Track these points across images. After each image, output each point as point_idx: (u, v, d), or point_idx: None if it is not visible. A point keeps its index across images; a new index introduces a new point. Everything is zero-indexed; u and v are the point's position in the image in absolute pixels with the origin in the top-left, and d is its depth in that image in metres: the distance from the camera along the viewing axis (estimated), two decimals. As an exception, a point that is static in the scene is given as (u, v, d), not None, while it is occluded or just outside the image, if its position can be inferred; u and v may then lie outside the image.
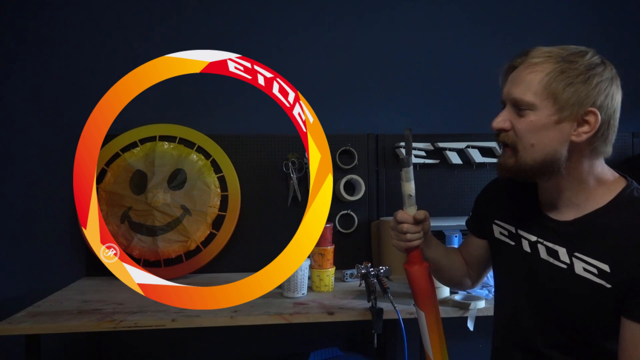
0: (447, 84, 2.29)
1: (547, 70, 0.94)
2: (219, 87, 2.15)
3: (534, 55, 0.97)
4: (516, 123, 0.97)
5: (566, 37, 2.26)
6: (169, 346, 2.11)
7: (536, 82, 0.94)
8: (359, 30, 2.26)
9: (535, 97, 0.94)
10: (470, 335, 1.59)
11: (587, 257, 0.95)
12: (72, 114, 2.07)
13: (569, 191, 0.99)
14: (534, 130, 0.95)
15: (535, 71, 0.95)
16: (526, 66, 0.97)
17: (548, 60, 0.95)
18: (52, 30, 2.12)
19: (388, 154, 2.19)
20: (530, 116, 0.95)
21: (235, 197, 2.08)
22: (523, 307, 1.05)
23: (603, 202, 0.97)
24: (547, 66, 0.94)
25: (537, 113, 0.94)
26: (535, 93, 0.94)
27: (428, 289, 1.18)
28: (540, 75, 0.94)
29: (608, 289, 0.91)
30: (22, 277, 2.05)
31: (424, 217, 1.15)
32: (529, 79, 0.95)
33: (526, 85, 0.95)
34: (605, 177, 0.99)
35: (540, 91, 0.94)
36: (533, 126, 0.95)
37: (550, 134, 0.94)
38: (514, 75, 0.99)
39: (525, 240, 1.06)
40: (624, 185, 0.98)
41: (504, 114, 0.99)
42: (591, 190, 0.98)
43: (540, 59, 0.96)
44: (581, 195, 0.98)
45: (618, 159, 2.23)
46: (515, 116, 0.97)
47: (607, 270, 0.92)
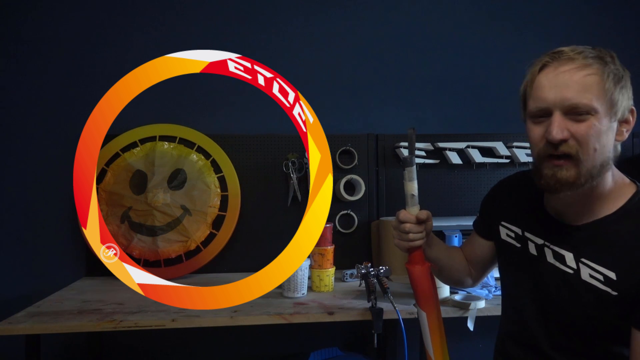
0: (447, 84, 2.29)
1: (600, 72, 0.90)
2: (219, 87, 2.15)
3: (578, 56, 0.91)
4: (576, 129, 0.90)
5: (567, 37, 2.29)
6: (169, 346, 2.11)
7: (595, 85, 0.90)
8: (359, 30, 2.26)
9: (596, 100, 0.89)
10: (470, 335, 1.59)
11: (594, 263, 0.94)
12: (72, 114, 2.08)
13: (589, 198, 0.97)
14: (596, 134, 0.90)
15: (590, 73, 0.90)
16: (577, 68, 0.90)
17: (596, 61, 0.91)
18: (52, 30, 2.12)
19: (388, 154, 2.19)
20: (591, 120, 0.90)
21: (235, 197, 2.08)
22: (529, 309, 1.05)
23: (614, 207, 0.96)
24: (600, 67, 0.91)
25: (597, 117, 0.90)
26: (597, 97, 0.89)
27: (430, 288, 1.18)
28: (597, 77, 0.90)
29: (614, 296, 0.91)
30: (22, 277, 2.05)
31: (427, 217, 1.14)
32: (587, 82, 0.90)
33: (584, 88, 0.89)
34: (616, 181, 0.98)
35: (601, 95, 0.90)
36: (596, 131, 0.90)
37: (607, 136, 0.92)
38: (560, 78, 0.91)
39: (531, 243, 1.06)
40: (634, 191, 0.97)
41: (559, 122, 0.91)
42: (607, 195, 0.97)
43: (589, 61, 0.91)
44: (597, 202, 0.97)
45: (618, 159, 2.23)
46: (571, 122, 0.91)
47: (613, 278, 0.91)
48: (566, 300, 0.98)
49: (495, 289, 1.67)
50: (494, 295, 1.64)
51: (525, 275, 1.06)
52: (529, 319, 1.04)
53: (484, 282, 1.69)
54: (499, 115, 2.25)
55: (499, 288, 1.61)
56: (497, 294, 1.64)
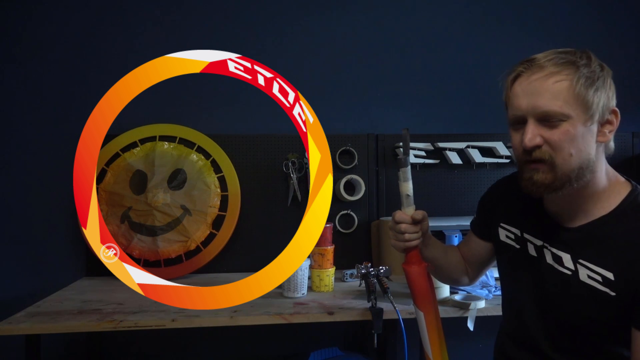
0: (447, 84, 2.29)
1: (570, 77, 0.91)
2: (219, 87, 2.15)
3: (548, 64, 0.92)
4: (549, 136, 0.92)
5: (567, 37, 2.29)
6: (169, 346, 2.11)
7: (565, 90, 0.90)
8: (359, 30, 2.26)
9: (567, 106, 0.90)
10: (470, 335, 1.59)
11: (592, 264, 0.94)
12: (72, 114, 2.08)
13: (580, 199, 0.97)
14: (570, 140, 0.91)
15: (559, 80, 0.91)
16: (545, 75, 0.92)
17: (567, 66, 0.91)
18: (52, 30, 2.11)
19: (388, 154, 2.19)
20: (564, 126, 0.91)
21: (235, 197, 2.08)
22: (529, 309, 1.05)
23: (609, 207, 0.96)
24: (570, 72, 0.91)
25: (571, 122, 0.91)
26: (566, 102, 0.90)
27: (427, 288, 1.18)
28: (567, 83, 0.90)
29: (612, 296, 0.91)
30: (22, 277, 2.05)
31: (422, 217, 1.15)
32: (556, 89, 0.91)
33: (554, 95, 0.91)
34: (610, 180, 0.98)
35: (571, 100, 0.90)
36: (570, 136, 0.91)
37: (584, 140, 0.92)
38: (532, 87, 0.93)
39: (531, 245, 1.06)
40: (629, 190, 0.97)
41: (532, 129, 0.93)
42: (599, 195, 0.97)
43: (558, 67, 0.91)
44: (590, 202, 0.97)
45: (618, 159, 2.23)
46: (544, 129, 0.92)
47: (612, 279, 0.91)
48: (565, 302, 0.98)
49: (495, 289, 1.67)
50: (494, 295, 1.64)
51: (525, 276, 1.06)
52: (529, 320, 1.04)
53: (484, 282, 1.69)
54: (499, 115, 2.21)
55: (499, 288, 1.61)
56: (497, 294, 1.64)
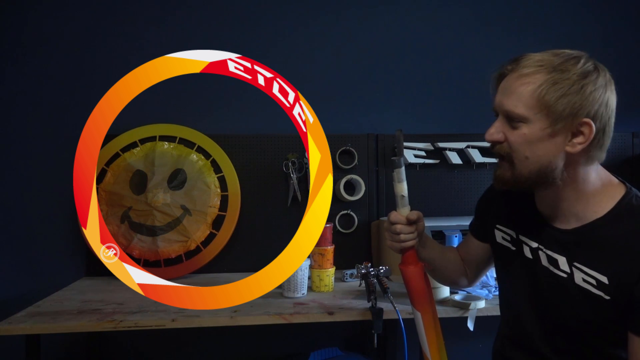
0: (447, 83, 2.29)
1: (538, 81, 0.90)
2: (219, 87, 2.15)
3: (525, 65, 0.92)
4: (509, 135, 0.94)
5: (566, 37, 2.29)
6: (169, 346, 2.11)
7: (528, 94, 0.90)
8: (359, 30, 2.26)
9: (528, 109, 0.91)
10: (470, 335, 1.59)
11: (586, 267, 0.94)
12: (72, 114, 2.07)
13: (566, 201, 0.97)
14: (527, 143, 0.92)
15: (526, 82, 0.91)
16: (517, 76, 0.93)
17: (539, 70, 0.90)
18: (52, 30, 2.11)
19: (388, 154, 2.19)
20: (523, 129, 0.92)
21: (235, 197, 2.08)
22: (526, 311, 1.04)
23: (603, 210, 0.95)
24: (539, 77, 0.90)
25: (530, 126, 0.91)
26: (527, 105, 0.91)
27: (423, 289, 1.18)
28: (532, 86, 0.90)
29: (607, 300, 0.91)
30: (22, 277, 2.05)
31: (417, 217, 1.15)
32: (521, 91, 0.91)
33: (517, 97, 0.91)
34: (603, 183, 0.97)
35: (533, 104, 0.90)
36: (526, 139, 0.92)
37: (544, 146, 0.92)
38: (504, 85, 0.95)
39: (526, 247, 1.05)
40: (623, 192, 0.96)
41: (497, 125, 0.96)
42: (589, 198, 0.96)
43: (531, 69, 0.91)
44: (579, 205, 0.97)
45: (618, 159, 2.23)
46: (508, 128, 0.94)
47: (606, 282, 0.91)
48: (561, 304, 0.98)
49: (495, 289, 1.67)
50: (494, 295, 1.64)
51: (522, 278, 1.06)
52: (526, 322, 1.04)
53: (484, 282, 1.69)
54: (499, 115, 2.25)
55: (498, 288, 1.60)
56: (497, 294, 1.64)
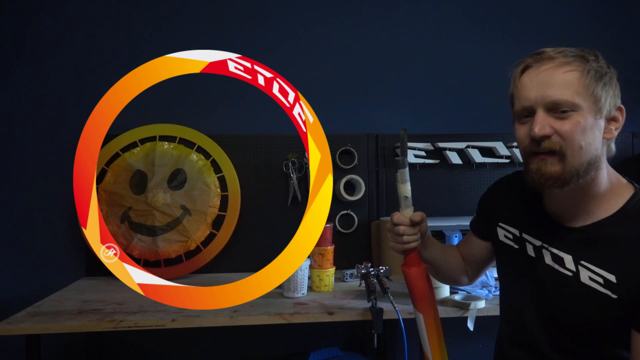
0: (447, 84, 2.29)
1: (581, 69, 0.91)
2: (219, 87, 2.15)
3: (558, 55, 0.93)
4: (560, 126, 0.91)
5: (566, 37, 2.29)
6: (169, 346, 2.11)
7: (576, 81, 0.91)
8: (359, 30, 2.26)
9: (579, 97, 0.90)
10: (470, 335, 1.59)
11: (594, 266, 0.93)
12: (72, 114, 2.08)
13: (581, 199, 0.97)
14: (581, 131, 0.90)
15: (570, 70, 0.91)
16: (557, 65, 0.92)
17: (577, 58, 0.92)
18: (52, 30, 2.12)
19: (388, 154, 2.19)
20: (575, 117, 0.90)
21: (235, 197, 2.08)
22: (528, 310, 1.04)
23: (612, 209, 0.95)
24: (580, 64, 0.91)
25: (581, 113, 0.90)
26: (578, 93, 0.90)
27: (426, 290, 1.17)
28: (577, 74, 0.91)
29: (614, 299, 0.90)
30: (22, 277, 2.05)
31: (421, 218, 1.14)
32: (567, 79, 0.91)
33: (565, 85, 0.91)
34: (612, 182, 0.98)
35: (583, 91, 0.90)
36: (581, 127, 0.90)
37: (593, 133, 0.92)
38: (541, 77, 0.93)
39: (529, 245, 1.05)
40: (632, 192, 0.96)
41: (542, 119, 0.92)
42: (602, 196, 0.96)
43: (569, 58, 0.92)
44: (591, 203, 0.96)
45: (618, 159, 2.22)
46: (554, 120, 0.91)
47: (614, 281, 0.90)
48: (565, 303, 0.97)
49: (495, 289, 1.67)
50: (494, 295, 1.64)
51: (524, 277, 1.05)
52: (529, 321, 1.04)
53: (484, 282, 1.69)
54: (499, 115, 2.23)
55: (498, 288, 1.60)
56: (497, 293, 1.64)
